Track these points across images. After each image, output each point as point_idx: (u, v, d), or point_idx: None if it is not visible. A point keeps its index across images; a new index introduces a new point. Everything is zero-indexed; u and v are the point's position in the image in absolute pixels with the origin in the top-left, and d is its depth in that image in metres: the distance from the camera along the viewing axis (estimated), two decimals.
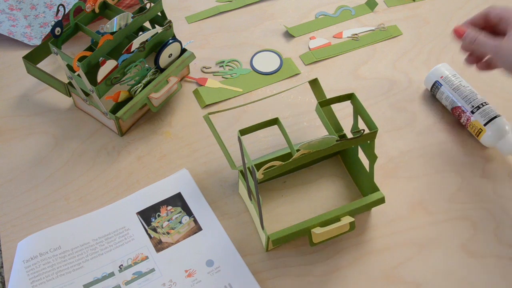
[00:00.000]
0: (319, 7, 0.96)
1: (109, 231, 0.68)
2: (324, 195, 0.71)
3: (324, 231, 0.63)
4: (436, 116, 0.81)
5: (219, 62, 0.87)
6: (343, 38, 0.91)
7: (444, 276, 0.65)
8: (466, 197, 0.72)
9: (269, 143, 0.77)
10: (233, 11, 0.95)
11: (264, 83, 0.84)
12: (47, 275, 0.64)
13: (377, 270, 0.65)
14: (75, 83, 0.74)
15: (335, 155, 0.75)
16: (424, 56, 0.89)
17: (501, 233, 0.69)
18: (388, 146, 0.77)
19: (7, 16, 0.89)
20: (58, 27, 0.73)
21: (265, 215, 0.69)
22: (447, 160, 0.76)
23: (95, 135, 0.78)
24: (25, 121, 0.79)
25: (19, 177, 0.73)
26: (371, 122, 0.64)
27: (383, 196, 0.68)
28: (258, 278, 0.64)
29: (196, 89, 0.83)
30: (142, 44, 0.75)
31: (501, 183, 0.73)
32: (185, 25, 0.92)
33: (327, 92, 0.75)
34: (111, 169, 0.74)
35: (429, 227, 0.69)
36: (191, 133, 0.78)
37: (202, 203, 0.70)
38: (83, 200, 0.71)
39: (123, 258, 0.66)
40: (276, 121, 0.64)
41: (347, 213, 0.66)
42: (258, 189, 0.62)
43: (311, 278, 0.65)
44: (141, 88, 0.76)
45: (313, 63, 0.87)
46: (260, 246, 0.67)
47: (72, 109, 0.80)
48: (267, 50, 0.89)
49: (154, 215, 0.69)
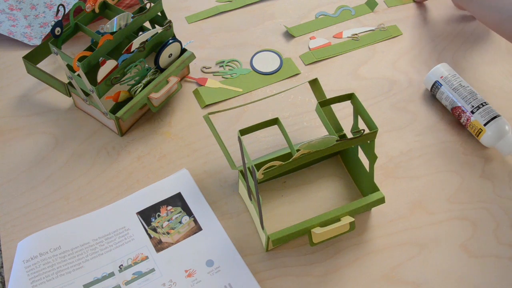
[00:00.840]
0: (319, 7, 0.96)
1: (109, 231, 0.68)
2: (324, 195, 0.71)
3: (324, 231, 0.63)
4: (436, 116, 0.81)
5: (219, 62, 0.87)
6: (343, 38, 0.91)
7: (444, 276, 0.65)
8: (466, 197, 0.72)
9: (269, 143, 0.77)
10: (233, 11, 0.95)
11: (264, 83, 0.84)
12: (47, 275, 0.64)
13: (377, 270, 0.65)
14: (75, 83, 0.74)
15: (335, 155, 0.75)
16: (424, 56, 0.89)
17: (501, 233, 0.69)
18: (388, 146, 0.77)
19: (7, 16, 0.89)
20: (58, 27, 0.73)
21: (265, 215, 0.69)
22: (447, 160, 0.76)
23: (95, 135, 0.78)
24: (25, 121, 0.79)
25: (19, 177, 0.73)
26: (371, 122, 0.64)
27: (383, 196, 0.68)
28: (258, 278, 0.64)
29: (196, 89, 0.83)
30: (142, 44, 0.75)
31: (501, 183, 0.73)
32: (185, 25, 0.92)
33: (327, 92, 0.75)
34: (111, 169, 0.74)
35: (429, 227, 0.69)
36: (191, 133, 0.78)
37: (202, 203, 0.70)
38: (83, 200, 0.71)
39: (123, 258, 0.66)
40: (276, 121, 0.64)
41: (347, 213, 0.66)
42: (258, 189, 0.62)
43: (311, 278, 0.65)
44: (141, 88, 0.76)
45: (313, 63, 0.87)
46: (260, 246, 0.67)
47: (72, 109, 0.80)
48: (267, 50, 0.89)
49: (154, 215, 0.69)
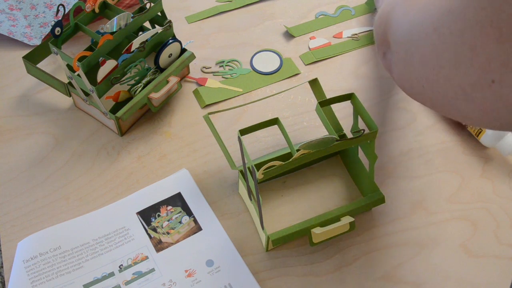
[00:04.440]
0: (319, 7, 0.96)
1: (109, 231, 0.68)
2: (324, 195, 0.71)
3: (324, 231, 0.63)
4: (436, 116, 0.81)
5: (219, 62, 0.87)
6: (343, 38, 0.91)
7: (444, 276, 0.65)
8: (466, 197, 0.72)
9: (269, 143, 0.77)
10: (233, 11, 0.95)
11: (264, 83, 0.84)
12: (47, 275, 0.64)
13: (377, 270, 0.65)
14: (75, 83, 0.74)
15: (335, 155, 0.75)
16: None
17: (501, 233, 0.69)
18: (388, 146, 0.77)
19: (7, 16, 0.89)
20: (58, 27, 0.73)
21: (265, 215, 0.69)
22: (447, 160, 0.76)
23: (95, 135, 0.78)
24: (25, 121, 0.79)
25: (19, 177, 0.73)
26: (371, 122, 0.64)
27: (383, 196, 0.68)
28: (258, 278, 0.64)
29: (196, 89, 0.83)
30: (142, 44, 0.75)
31: (501, 183, 0.73)
32: (185, 25, 0.92)
33: (327, 92, 0.75)
34: (111, 169, 0.74)
35: (429, 227, 0.69)
36: (191, 133, 0.78)
37: (202, 203, 0.70)
38: (83, 200, 0.71)
39: (123, 258, 0.66)
40: (276, 121, 0.64)
41: (347, 213, 0.66)
42: (258, 189, 0.62)
43: (311, 278, 0.65)
44: (141, 88, 0.76)
45: (313, 63, 0.87)
46: (260, 246, 0.67)
47: (72, 109, 0.80)
48: (267, 50, 0.89)
49: (154, 215, 0.69)
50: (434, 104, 0.43)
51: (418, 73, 0.42)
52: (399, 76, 0.45)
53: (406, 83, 0.45)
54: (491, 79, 0.35)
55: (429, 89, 0.41)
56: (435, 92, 0.41)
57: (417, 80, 0.42)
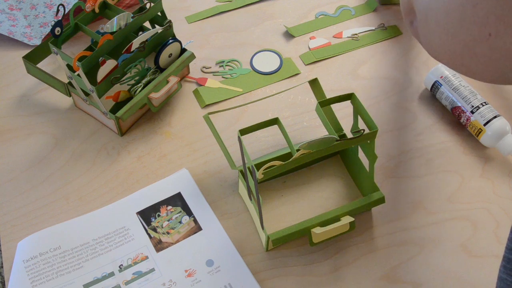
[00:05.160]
0: (319, 7, 0.96)
1: (109, 231, 0.68)
2: (324, 195, 0.71)
3: (324, 231, 0.63)
4: (436, 116, 0.81)
5: (219, 62, 0.87)
6: (343, 38, 0.91)
7: (444, 276, 0.65)
8: (466, 197, 0.72)
9: (269, 143, 0.77)
10: (233, 11, 0.95)
11: (264, 83, 0.84)
12: (47, 275, 0.64)
13: (377, 270, 0.65)
14: (75, 83, 0.74)
15: (335, 155, 0.75)
16: (424, 56, 0.89)
17: (501, 233, 0.69)
18: (388, 146, 0.77)
19: (7, 16, 0.89)
20: (58, 27, 0.73)
21: (265, 215, 0.69)
22: (447, 160, 0.76)
23: (95, 135, 0.78)
24: (25, 121, 0.79)
25: (19, 177, 0.73)
26: (371, 122, 0.64)
27: (383, 196, 0.68)
28: (258, 278, 0.64)
29: (196, 89, 0.83)
30: (142, 44, 0.75)
31: (501, 183, 0.73)
32: (185, 25, 0.92)
33: (327, 92, 0.75)
34: (111, 169, 0.74)
35: (429, 227, 0.69)
36: (191, 133, 0.78)
37: (202, 203, 0.70)
38: (83, 200, 0.71)
39: (123, 258, 0.66)
40: (276, 121, 0.64)
41: (347, 213, 0.66)
42: (258, 189, 0.62)
43: (311, 278, 0.65)
44: (141, 88, 0.76)
45: (313, 63, 0.87)
46: (260, 246, 0.67)
47: (72, 109, 0.80)
48: (267, 50, 0.89)
49: (154, 215, 0.69)
50: (450, 63, 0.46)
51: (435, 34, 0.45)
52: (425, 40, 0.48)
53: (429, 47, 0.48)
54: (488, 33, 0.39)
55: (444, 48, 0.45)
56: (447, 51, 0.44)
57: (435, 42, 0.46)
